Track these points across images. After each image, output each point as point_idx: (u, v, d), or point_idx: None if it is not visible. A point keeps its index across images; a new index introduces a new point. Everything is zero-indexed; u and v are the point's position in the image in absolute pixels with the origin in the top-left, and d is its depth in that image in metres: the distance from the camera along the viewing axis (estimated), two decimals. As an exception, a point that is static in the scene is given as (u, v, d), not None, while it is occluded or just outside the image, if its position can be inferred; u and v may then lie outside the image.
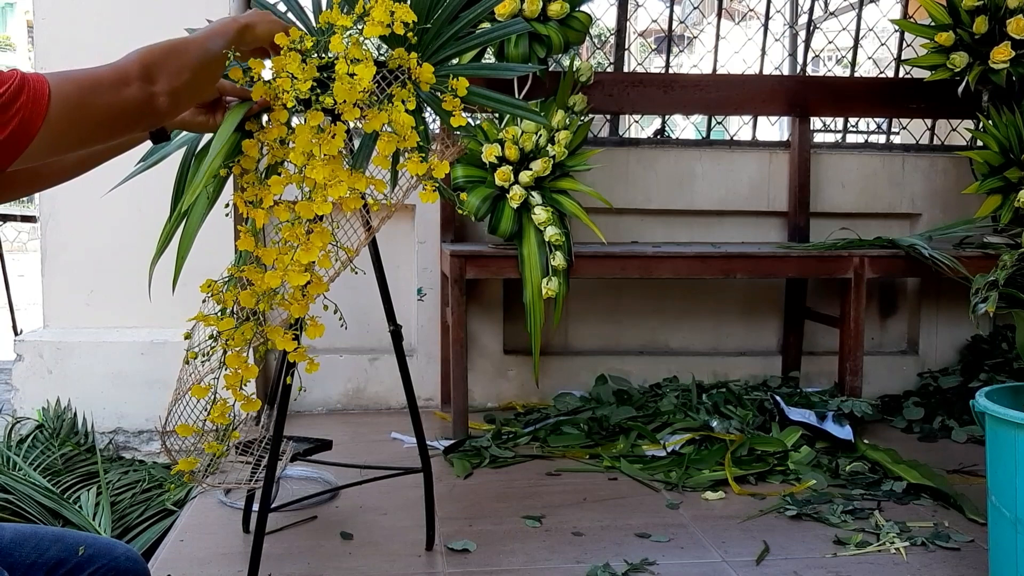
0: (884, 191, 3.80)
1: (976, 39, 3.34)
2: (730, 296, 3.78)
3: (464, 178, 3.15)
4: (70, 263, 3.24)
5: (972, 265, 3.09)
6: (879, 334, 3.89)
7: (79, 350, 3.16)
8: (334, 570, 2.10)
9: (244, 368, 1.39)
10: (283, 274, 1.36)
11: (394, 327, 2.06)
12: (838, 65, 5.56)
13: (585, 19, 3.18)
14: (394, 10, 1.44)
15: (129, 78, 1.09)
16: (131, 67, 1.10)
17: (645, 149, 3.69)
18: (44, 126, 0.96)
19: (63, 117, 0.99)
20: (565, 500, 2.55)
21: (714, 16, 4.04)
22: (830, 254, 3.28)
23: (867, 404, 3.13)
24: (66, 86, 1.00)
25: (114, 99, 1.07)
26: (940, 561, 2.17)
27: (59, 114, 0.98)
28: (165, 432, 1.70)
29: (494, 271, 3.15)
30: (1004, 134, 3.34)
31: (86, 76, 1.05)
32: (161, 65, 1.13)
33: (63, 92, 0.99)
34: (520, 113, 1.87)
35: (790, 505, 2.48)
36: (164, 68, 1.13)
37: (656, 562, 2.14)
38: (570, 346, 3.73)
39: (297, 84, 1.35)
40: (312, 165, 1.37)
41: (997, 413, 1.83)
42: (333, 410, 3.52)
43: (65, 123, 1.00)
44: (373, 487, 2.43)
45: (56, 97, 0.98)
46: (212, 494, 2.53)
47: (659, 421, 3.11)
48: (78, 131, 1.03)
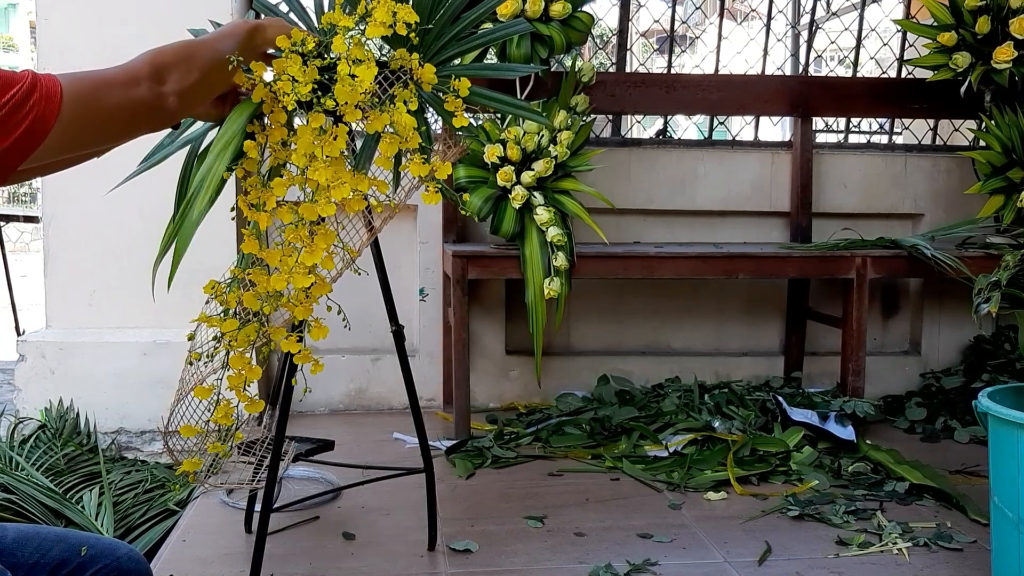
0: (886, 191, 3.80)
1: (979, 39, 3.33)
2: (732, 296, 3.78)
3: (466, 178, 3.15)
4: (73, 263, 3.24)
5: (975, 265, 3.09)
6: (881, 334, 3.89)
7: (82, 350, 3.16)
8: (336, 570, 2.11)
9: (247, 369, 1.39)
10: (288, 276, 1.36)
11: (396, 327, 2.06)
12: (840, 65, 5.56)
13: (587, 19, 3.18)
14: (396, 11, 1.44)
15: (139, 78, 1.11)
16: (141, 68, 1.12)
17: (647, 149, 3.69)
18: (56, 125, 0.98)
19: (75, 116, 1.01)
20: (567, 500, 2.55)
21: (716, 16, 4.04)
22: (832, 254, 3.28)
23: (869, 404, 3.12)
24: (78, 85, 1.02)
25: (124, 98, 1.08)
26: (943, 562, 2.17)
27: (71, 113, 1.00)
28: (167, 432, 1.70)
29: (496, 271, 3.16)
30: (1007, 134, 3.33)
31: (98, 76, 1.07)
32: (171, 66, 1.15)
33: (75, 91, 1.01)
34: (522, 113, 1.87)
35: (792, 505, 2.48)
36: (174, 69, 1.15)
37: (658, 562, 2.14)
38: (572, 346, 3.73)
39: (298, 87, 1.35)
40: (314, 167, 1.37)
41: (1000, 413, 1.83)
42: (335, 410, 3.53)
43: (77, 122, 1.02)
44: (375, 487, 2.43)
45: (68, 96, 0.99)
46: (214, 494, 2.53)
47: (661, 421, 3.11)
48: (90, 130, 1.05)
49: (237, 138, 1.41)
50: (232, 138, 1.40)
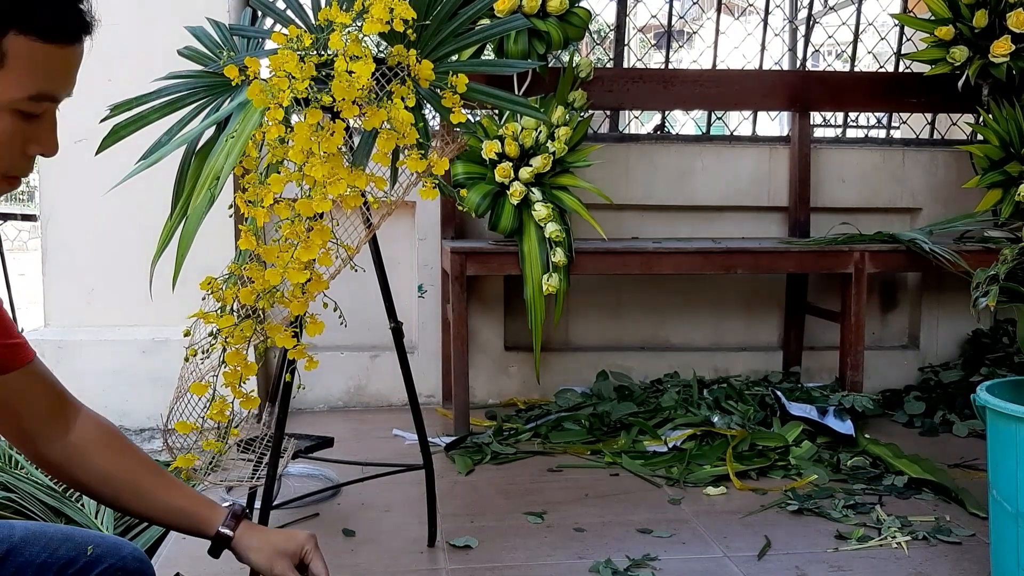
0: (884, 186, 3.79)
1: (976, 33, 3.33)
2: (731, 291, 3.78)
3: (464, 174, 3.15)
4: (71, 262, 3.24)
5: (973, 259, 3.09)
6: (880, 329, 3.89)
7: (80, 348, 3.16)
8: (336, 567, 2.10)
9: (243, 365, 1.39)
10: (283, 271, 1.36)
11: (395, 324, 2.06)
12: (838, 60, 5.56)
13: (584, 15, 3.18)
14: (393, 7, 1.44)
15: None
16: None
17: (645, 145, 3.69)
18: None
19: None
20: (567, 496, 2.56)
21: (713, 11, 4.04)
22: (831, 249, 3.28)
23: (868, 399, 3.13)
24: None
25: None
26: (942, 555, 2.17)
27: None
28: (167, 430, 1.70)
29: (495, 267, 3.15)
30: (1004, 128, 3.33)
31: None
32: None
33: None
34: (520, 109, 1.87)
35: (791, 500, 2.48)
36: None
37: (658, 557, 2.14)
38: (571, 342, 3.73)
39: (295, 84, 1.35)
40: (311, 163, 1.37)
41: (998, 407, 1.83)
42: (334, 407, 3.53)
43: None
44: (375, 484, 2.43)
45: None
46: (214, 492, 2.53)
47: (660, 417, 3.11)
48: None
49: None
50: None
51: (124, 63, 3.05)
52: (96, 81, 3.13)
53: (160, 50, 2.40)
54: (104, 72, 3.11)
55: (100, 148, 1.89)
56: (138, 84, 2.01)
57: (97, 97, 1.96)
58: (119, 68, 3.04)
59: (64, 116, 1.04)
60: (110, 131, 1.89)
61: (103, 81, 3.13)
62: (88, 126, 2.14)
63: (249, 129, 1.45)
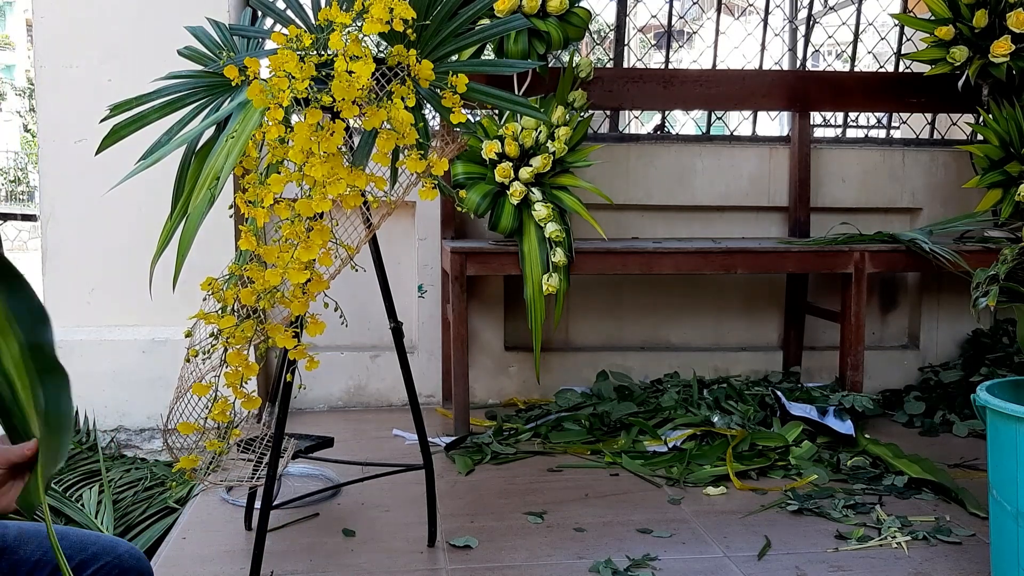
0: (884, 186, 3.80)
1: (976, 33, 3.33)
2: (731, 291, 3.78)
3: (464, 175, 3.15)
4: (71, 262, 3.24)
5: (973, 259, 3.09)
6: (880, 329, 3.89)
7: (80, 348, 3.16)
8: (336, 567, 2.11)
9: (244, 366, 1.39)
10: (283, 271, 1.36)
11: (395, 324, 2.06)
12: (838, 60, 5.56)
13: (584, 15, 3.18)
14: (393, 7, 1.44)
15: None
16: None
17: (645, 145, 3.69)
18: None
19: None
20: (567, 496, 2.56)
21: (713, 11, 4.04)
22: (831, 249, 3.28)
23: (868, 399, 3.13)
24: None
25: None
26: (942, 555, 2.17)
27: None
28: (167, 430, 1.71)
29: (495, 268, 3.15)
30: (1004, 128, 3.33)
31: None
32: None
33: None
34: (520, 109, 1.87)
35: (792, 500, 2.48)
36: None
37: (658, 557, 2.14)
38: (571, 342, 3.73)
39: (295, 84, 1.35)
40: (311, 163, 1.37)
41: (998, 407, 1.83)
42: (334, 407, 3.53)
43: None
44: (375, 484, 2.43)
45: None
46: (214, 492, 2.53)
47: (660, 417, 3.11)
48: None
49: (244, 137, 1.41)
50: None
51: (124, 63, 3.06)
52: (96, 81, 3.15)
53: (160, 50, 2.40)
54: (104, 72, 3.12)
55: (100, 148, 1.89)
56: (138, 84, 2.02)
57: (97, 97, 1.96)
58: (119, 68, 3.05)
59: (64, 116, 1.04)
60: (110, 131, 1.89)
61: (103, 81, 3.14)
62: (88, 126, 2.14)
63: (249, 129, 1.46)
